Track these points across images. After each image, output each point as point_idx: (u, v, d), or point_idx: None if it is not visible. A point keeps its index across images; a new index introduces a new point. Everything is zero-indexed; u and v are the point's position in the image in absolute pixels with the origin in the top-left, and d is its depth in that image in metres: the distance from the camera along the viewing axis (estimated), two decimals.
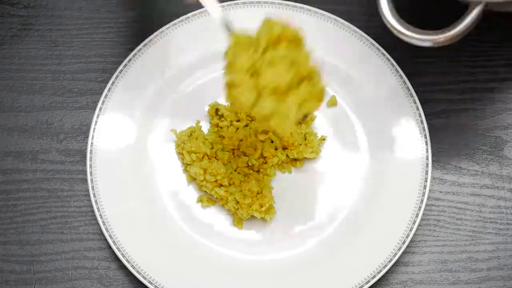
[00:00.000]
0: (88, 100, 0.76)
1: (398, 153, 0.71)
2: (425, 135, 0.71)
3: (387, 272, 0.69)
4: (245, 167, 0.71)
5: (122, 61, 0.74)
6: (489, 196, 0.72)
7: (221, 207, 0.71)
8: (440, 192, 0.72)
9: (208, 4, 0.63)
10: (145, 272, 0.67)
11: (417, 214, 0.68)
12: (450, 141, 0.74)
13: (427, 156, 0.70)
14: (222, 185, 0.70)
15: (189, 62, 0.75)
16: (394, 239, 0.68)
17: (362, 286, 0.66)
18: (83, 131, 0.74)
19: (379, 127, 0.73)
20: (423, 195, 0.69)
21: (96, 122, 0.72)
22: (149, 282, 0.67)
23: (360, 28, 0.75)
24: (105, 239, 0.69)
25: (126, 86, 0.73)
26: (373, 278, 0.67)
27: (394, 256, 0.67)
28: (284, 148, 0.72)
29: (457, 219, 0.72)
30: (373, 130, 0.73)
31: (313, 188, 0.72)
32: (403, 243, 0.67)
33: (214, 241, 0.70)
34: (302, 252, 0.69)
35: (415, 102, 0.72)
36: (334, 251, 0.69)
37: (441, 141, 0.74)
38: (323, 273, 0.68)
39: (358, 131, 0.74)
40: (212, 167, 0.69)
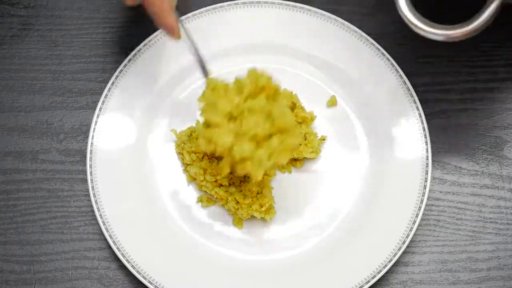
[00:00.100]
0: (88, 100, 0.76)
1: (398, 153, 0.71)
2: (425, 135, 0.71)
3: (387, 272, 0.69)
4: None
5: (122, 61, 0.74)
6: (489, 196, 0.72)
7: (221, 207, 0.71)
8: (440, 192, 0.72)
9: (189, 47, 0.68)
10: (145, 272, 0.67)
11: (417, 214, 0.68)
12: (450, 141, 0.74)
13: (427, 156, 0.70)
14: (222, 185, 0.70)
15: (189, 62, 0.74)
16: (394, 239, 0.68)
17: (362, 286, 0.66)
18: (83, 131, 0.74)
19: (379, 127, 0.73)
20: (423, 195, 0.69)
21: (96, 122, 0.72)
22: (149, 282, 0.67)
23: (360, 28, 0.75)
24: (105, 239, 0.69)
25: (126, 86, 0.73)
26: (373, 278, 0.67)
27: (394, 256, 0.67)
28: None
29: (457, 219, 0.72)
30: (373, 130, 0.73)
31: (313, 188, 0.72)
32: (403, 243, 0.67)
33: (214, 241, 0.70)
34: (302, 252, 0.69)
35: (415, 102, 0.72)
36: (334, 251, 0.69)
37: (441, 141, 0.74)
38: (323, 273, 0.68)
39: (358, 131, 0.74)
40: (212, 167, 0.69)
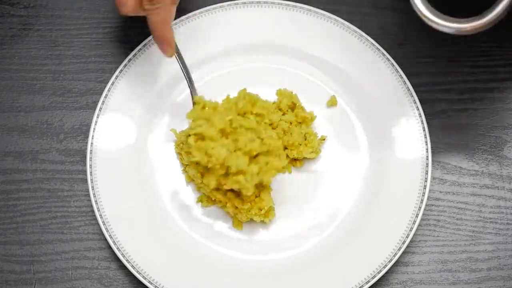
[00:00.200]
0: (88, 100, 0.76)
1: (398, 153, 0.71)
2: (425, 135, 0.71)
3: (387, 272, 0.69)
4: None
5: (122, 61, 0.74)
6: (489, 196, 0.72)
7: (221, 207, 0.71)
8: (440, 192, 0.72)
9: (180, 65, 0.71)
10: (145, 272, 0.67)
11: (417, 214, 0.68)
12: (450, 141, 0.74)
13: (427, 156, 0.70)
14: (220, 189, 0.69)
15: (189, 62, 0.74)
16: (394, 239, 0.68)
17: (362, 286, 0.66)
18: (83, 131, 0.74)
19: (379, 127, 0.73)
20: (423, 195, 0.69)
21: (96, 122, 0.72)
22: (149, 282, 0.67)
23: (360, 28, 0.75)
24: (105, 239, 0.69)
25: (126, 86, 0.73)
26: (373, 278, 0.67)
27: (394, 256, 0.67)
28: (284, 148, 0.72)
29: (457, 219, 0.72)
30: (373, 130, 0.73)
31: (313, 188, 0.72)
32: (403, 243, 0.67)
33: (214, 241, 0.70)
34: (302, 252, 0.69)
35: (415, 102, 0.72)
36: (334, 251, 0.69)
37: (441, 141, 0.74)
38: (323, 273, 0.68)
39: (358, 131, 0.74)
40: None
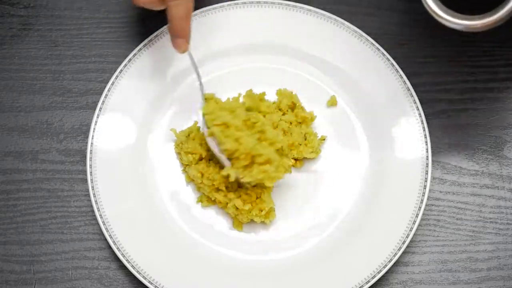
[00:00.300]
0: (88, 100, 0.76)
1: (398, 153, 0.71)
2: (425, 135, 0.71)
3: (387, 272, 0.69)
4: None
5: (122, 61, 0.74)
6: (489, 196, 0.72)
7: (221, 208, 0.71)
8: (440, 192, 0.72)
9: (191, 62, 0.72)
10: (145, 272, 0.67)
11: (417, 214, 0.68)
12: (450, 141, 0.74)
13: (427, 156, 0.70)
14: (220, 190, 0.70)
15: (189, 62, 0.74)
16: (394, 239, 0.68)
17: (362, 286, 0.66)
18: (83, 131, 0.74)
19: (379, 127, 0.73)
20: (423, 195, 0.69)
21: (96, 122, 0.72)
22: (149, 282, 0.67)
23: (360, 28, 0.75)
24: (105, 239, 0.69)
25: (126, 86, 0.73)
26: (373, 278, 0.67)
27: (394, 256, 0.67)
28: None
29: (457, 219, 0.72)
30: (373, 130, 0.73)
31: (313, 188, 0.72)
32: (403, 243, 0.67)
33: (214, 241, 0.70)
34: (302, 252, 0.69)
35: (415, 102, 0.72)
36: (334, 251, 0.69)
37: (441, 141, 0.74)
38: (323, 273, 0.68)
39: (358, 131, 0.74)
40: (209, 172, 0.69)
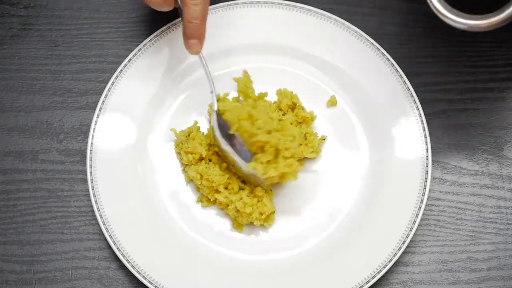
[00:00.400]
0: (88, 100, 0.76)
1: (398, 153, 0.71)
2: (425, 135, 0.71)
3: (387, 272, 0.69)
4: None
5: (122, 61, 0.74)
6: (489, 196, 0.72)
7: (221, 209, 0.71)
8: (440, 192, 0.72)
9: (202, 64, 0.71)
10: (145, 272, 0.67)
11: (417, 214, 0.68)
12: (450, 141, 0.74)
13: (427, 156, 0.70)
14: (219, 191, 0.69)
15: (189, 62, 0.74)
16: (394, 239, 0.68)
17: (362, 286, 0.66)
18: (83, 131, 0.74)
19: (379, 127, 0.73)
20: (423, 195, 0.69)
21: (96, 122, 0.72)
22: (149, 282, 0.67)
23: (360, 28, 0.75)
24: (105, 239, 0.69)
25: (126, 86, 0.73)
26: (373, 278, 0.67)
27: (394, 256, 0.67)
28: None
29: (457, 219, 0.72)
30: (373, 130, 0.73)
31: (313, 188, 0.72)
32: (403, 243, 0.67)
33: (214, 241, 0.70)
34: (302, 252, 0.69)
35: (415, 102, 0.72)
36: (334, 251, 0.69)
37: (441, 141, 0.74)
38: (323, 273, 0.68)
39: (358, 131, 0.74)
40: (209, 173, 0.69)
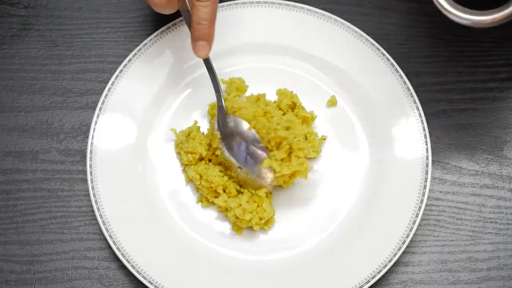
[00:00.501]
0: (88, 100, 0.76)
1: (398, 153, 0.71)
2: (425, 135, 0.71)
3: (387, 272, 0.69)
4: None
5: (122, 61, 0.74)
6: (489, 196, 0.72)
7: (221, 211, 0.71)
8: (440, 192, 0.72)
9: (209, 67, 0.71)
10: (145, 272, 0.67)
11: (417, 214, 0.68)
12: (450, 141, 0.74)
13: (427, 156, 0.70)
14: (219, 193, 0.69)
15: (189, 62, 0.74)
16: (394, 239, 0.68)
17: (362, 286, 0.66)
18: (83, 131, 0.74)
19: (379, 127, 0.73)
20: (423, 195, 0.69)
21: (96, 122, 0.72)
22: (149, 282, 0.67)
23: (360, 28, 0.75)
24: (105, 239, 0.69)
25: (126, 86, 0.73)
26: (373, 278, 0.67)
27: (394, 256, 0.67)
28: None
29: (457, 219, 0.72)
30: (373, 130, 0.73)
31: (313, 188, 0.72)
32: (403, 243, 0.67)
33: (214, 241, 0.70)
34: (302, 252, 0.69)
35: (415, 102, 0.72)
36: (334, 251, 0.69)
37: (441, 141, 0.74)
38: (323, 273, 0.68)
39: (358, 131, 0.74)
40: (208, 174, 0.69)
